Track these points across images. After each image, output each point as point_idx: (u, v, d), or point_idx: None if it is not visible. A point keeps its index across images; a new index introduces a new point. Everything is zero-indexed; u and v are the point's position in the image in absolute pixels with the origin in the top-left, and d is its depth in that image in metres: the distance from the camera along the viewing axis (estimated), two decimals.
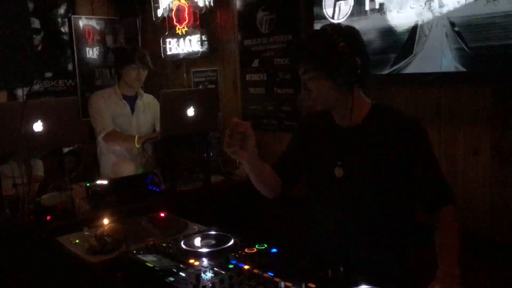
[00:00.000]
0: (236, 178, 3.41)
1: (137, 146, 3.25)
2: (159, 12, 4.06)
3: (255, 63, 3.45)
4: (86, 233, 2.12)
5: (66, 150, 3.08)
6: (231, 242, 1.90)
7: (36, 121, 2.52)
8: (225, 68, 3.76)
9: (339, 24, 1.64)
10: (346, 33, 1.57)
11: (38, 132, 2.52)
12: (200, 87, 3.97)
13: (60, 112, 2.67)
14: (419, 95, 2.53)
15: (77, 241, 2.05)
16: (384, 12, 2.52)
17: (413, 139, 1.57)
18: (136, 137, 3.25)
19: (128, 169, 3.30)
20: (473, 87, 2.32)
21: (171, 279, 1.61)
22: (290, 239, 2.64)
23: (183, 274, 1.64)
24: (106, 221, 2.20)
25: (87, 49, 4.39)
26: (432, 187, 1.60)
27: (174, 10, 3.89)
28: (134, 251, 1.86)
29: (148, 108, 3.58)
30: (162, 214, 2.38)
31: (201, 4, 3.66)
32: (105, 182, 2.99)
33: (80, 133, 3.01)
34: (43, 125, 2.55)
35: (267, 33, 3.33)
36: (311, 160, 1.77)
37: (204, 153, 3.21)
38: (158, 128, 3.63)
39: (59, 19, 4.18)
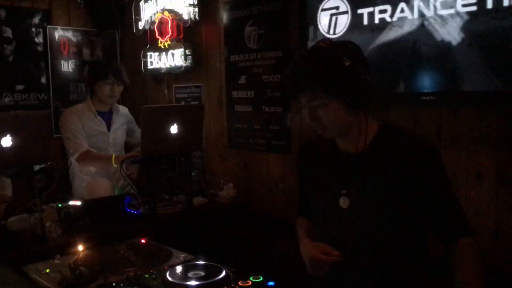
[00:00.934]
0: (220, 200, 3.23)
1: (115, 165, 3.04)
2: (140, 25, 3.89)
3: (242, 79, 3.30)
4: (57, 261, 1.90)
5: (36, 167, 2.85)
6: (223, 273, 1.71)
7: (5, 136, 2.29)
8: (209, 84, 3.59)
9: (336, 40, 1.47)
10: (349, 49, 1.42)
11: (6, 148, 2.29)
12: (182, 103, 3.79)
13: (30, 126, 2.44)
14: (418, 115, 2.41)
15: (47, 270, 1.82)
16: (383, 28, 2.41)
17: (426, 163, 1.42)
18: (113, 157, 3.03)
19: (104, 190, 3.07)
20: (476, 107, 2.21)
21: None
22: (284, 269, 2.47)
23: None
24: (80, 248, 1.98)
25: (62, 61, 4.17)
26: (448, 217, 1.45)
27: (157, 23, 3.72)
28: (114, 284, 1.66)
29: (123, 123, 3.39)
30: (143, 241, 2.17)
31: (185, 17, 3.51)
32: (78, 203, 2.77)
33: (52, 149, 2.79)
34: (12, 140, 2.32)
35: (256, 49, 3.19)
36: (313, 190, 1.63)
37: (186, 174, 3.01)
38: (131, 142, 3.44)
39: (33, 29, 3.95)
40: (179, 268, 1.77)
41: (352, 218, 1.47)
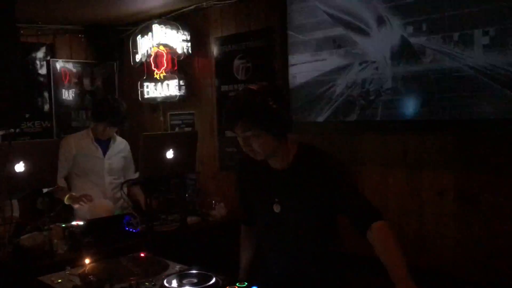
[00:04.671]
0: (212, 219, 3.48)
1: (66, 203, 3.26)
2: (138, 57, 4.19)
3: None
4: (68, 273, 2.15)
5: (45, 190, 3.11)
6: (213, 280, 1.97)
7: (18, 162, 2.55)
8: (202, 112, 3.89)
9: (263, 84, 1.88)
10: (275, 92, 1.80)
11: (20, 173, 2.56)
12: (177, 129, 4.08)
13: (41, 153, 2.71)
14: (387, 141, 2.71)
15: (59, 280, 2.07)
16: (352, 63, 2.74)
17: (331, 174, 1.79)
18: (67, 197, 3.26)
19: (105, 210, 3.32)
20: (437, 134, 2.51)
21: None
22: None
23: None
24: (87, 261, 2.23)
25: (63, 90, 4.45)
26: (359, 210, 1.74)
27: (153, 56, 4.03)
28: None
29: (120, 151, 3.61)
30: (142, 254, 2.42)
31: (179, 51, 3.82)
32: (81, 223, 3.02)
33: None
34: (25, 166, 2.59)
35: (244, 80, 3.50)
36: (254, 199, 2.00)
37: (181, 195, 3.28)
38: (127, 173, 3.65)
39: (38, 62, 4.25)
40: (174, 277, 2.03)
41: (282, 220, 1.87)
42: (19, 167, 2.57)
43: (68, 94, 4.47)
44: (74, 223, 3.03)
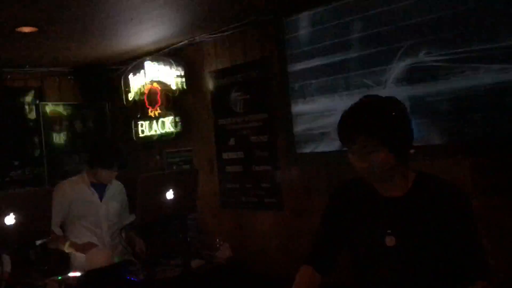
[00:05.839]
0: (217, 261, 3.28)
1: (66, 251, 3.06)
2: (130, 96, 4.07)
3: (231, 141, 3.46)
4: None
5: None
6: None
7: (8, 214, 2.37)
8: (200, 148, 3.75)
9: (382, 96, 1.66)
10: (398, 104, 1.59)
11: (10, 226, 2.37)
12: (174, 167, 3.92)
13: (32, 203, 2.54)
14: None
15: None
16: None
17: (459, 209, 1.56)
18: (67, 243, 3.06)
19: (103, 259, 3.11)
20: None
21: None
22: None
23: None
24: None
25: (54, 134, 4.30)
26: (468, 259, 1.55)
27: (146, 94, 3.91)
28: None
29: (116, 195, 3.43)
30: None
31: (174, 87, 3.70)
32: (78, 274, 2.82)
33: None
34: (15, 218, 2.41)
35: (242, 113, 3.37)
36: (354, 232, 1.71)
37: (183, 237, 3.09)
38: (123, 216, 3.45)
39: (26, 106, 4.11)
40: None
41: (398, 255, 1.59)
42: (9, 219, 2.39)
43: (59, 138, 4.32)
44: (70, 274, 2.83)
